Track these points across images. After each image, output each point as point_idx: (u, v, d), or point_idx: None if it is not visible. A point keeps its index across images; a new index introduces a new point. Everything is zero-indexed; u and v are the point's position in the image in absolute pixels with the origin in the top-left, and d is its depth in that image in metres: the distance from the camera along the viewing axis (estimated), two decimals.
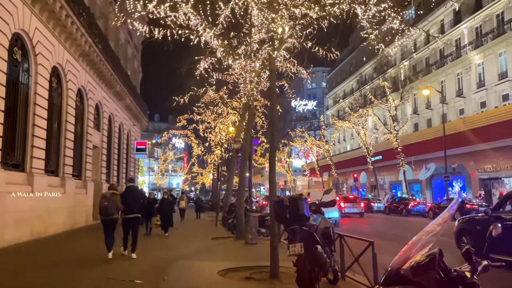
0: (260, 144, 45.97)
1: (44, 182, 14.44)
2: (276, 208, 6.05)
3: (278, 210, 5.96)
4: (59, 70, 16.45)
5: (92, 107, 20.86)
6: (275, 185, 7.91)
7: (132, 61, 34.21)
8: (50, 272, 8.22)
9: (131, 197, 9.98)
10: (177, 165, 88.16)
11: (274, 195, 7.99)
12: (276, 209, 6.05)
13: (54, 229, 15.20)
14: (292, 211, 5.70)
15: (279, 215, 5.99)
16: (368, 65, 55.42)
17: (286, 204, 5.75)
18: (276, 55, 8.35)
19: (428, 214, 27.11)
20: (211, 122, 26.31)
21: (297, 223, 5.67)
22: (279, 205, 5.92)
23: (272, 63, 8.18)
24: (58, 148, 16.72)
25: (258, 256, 10.41)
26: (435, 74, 40.77)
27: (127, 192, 10.24)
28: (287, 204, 5.74)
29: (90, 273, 8.16)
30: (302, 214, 5.69)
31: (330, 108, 69.67)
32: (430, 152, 36.56)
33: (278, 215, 6.05)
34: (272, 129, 7.99)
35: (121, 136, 29.05)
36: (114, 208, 9.70)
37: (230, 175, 25.94)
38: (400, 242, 13.44)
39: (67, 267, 8.76)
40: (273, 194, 7.94)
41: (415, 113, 44.24)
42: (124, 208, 9.89)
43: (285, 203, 5.76)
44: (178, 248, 12.05)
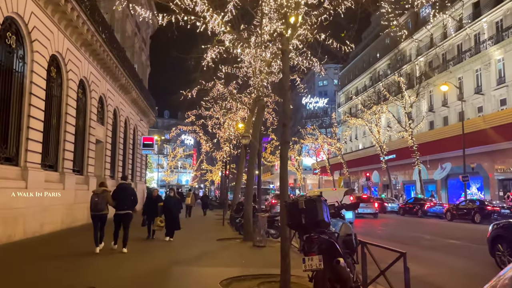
0: (270, 142, 45.12)
1: (40, 177, 13.59)
2: (289, 212, 5.00)
3: (292, 214, 4.90)
4: (58, 59, 15.59)
5: (95, 100, 20.01)
6: (286, 183, 6.90)
7: (139, 55, 33.38)
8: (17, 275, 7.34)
9: (121, 194, 10.39)
10: (187, 162, 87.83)
11: (285, 194, 6.98)
12: (289, 212, 5.00)
13: (51, 227, 14.37)
14: (309, 216, 4.66)
15: (293, 220, 4.92)
16: (382, 62, 54.02)
17: (301, 207, 4.69)
18: (290, 35, 7.29)
19: (446, 215, 25.82)
20: (219, 118, 25.47)
21: (315, 231, 4.63)
22: (292, 208, 4.85)
23: (285, 43, 7.15)
24: (58, 142, 15.88)
25: (267, 261, 9.42)
26: (453, 70, 39.31)
27: (118, 189, 10.59)
28: (302, 207, 4.68)
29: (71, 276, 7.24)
30: (321, 220, 4.66)
31: (342, 105, 68.31)
32: (446, 151, 35.26)
33: (292, 221, 4.97)
34: (283, 119, 6.97)
35: (127, 131, 28.24)
36: (104, 204, 10.19)
37: (239, 172, 25.01)
38: (422, 247, 12.38)
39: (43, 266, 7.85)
40: (284, 193, 6.92)
41: (431, 110, 42.81)
42: (114, 204, 10.33)
43: (300, 205, 4.70)
44: (179, 251, 11.08)
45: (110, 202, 10.29)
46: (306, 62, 15.76)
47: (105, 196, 10.28)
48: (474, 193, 34.21)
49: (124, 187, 10.73)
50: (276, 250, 11.61)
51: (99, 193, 10.37)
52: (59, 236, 13.93)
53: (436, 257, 10.71)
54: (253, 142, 14.91)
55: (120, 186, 10.77)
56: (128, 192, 10.65)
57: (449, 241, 14.55)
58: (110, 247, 10.44)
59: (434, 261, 10.17)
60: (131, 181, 29.09)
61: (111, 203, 10.30)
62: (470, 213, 23.61)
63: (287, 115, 6.97)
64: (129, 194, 10.64)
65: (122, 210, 10.32)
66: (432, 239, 15.00)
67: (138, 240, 12.38)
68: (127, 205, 10.41)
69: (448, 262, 10.01)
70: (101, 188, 10.62)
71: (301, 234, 4.97)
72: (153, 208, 13.62)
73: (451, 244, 13.72)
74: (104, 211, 10.28)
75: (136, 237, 12.48)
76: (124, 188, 10.71)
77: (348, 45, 15.08)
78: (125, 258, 9.68)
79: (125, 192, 10.58)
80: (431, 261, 10.15)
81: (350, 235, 5.46)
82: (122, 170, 26.76)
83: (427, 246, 13.12)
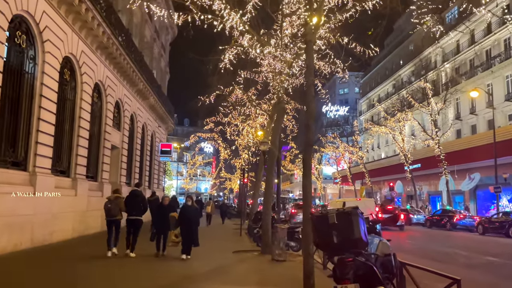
0: (290, 150, 44.13)
1: (50, 183, 13.01)
2: (315, 228, 4.11)
3: (320, 230, 4.01)
4: (72, 61, 15.12)
5: (111, 104, 19.53)
6: (310, 192, 6.01)
7: (158, 61, 33.05)
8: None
9: (132, 201, 11.05)
10: (206, 170, 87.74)
11: (308, 204, 6.09)
12: (315, 228, 4.10)
13: (61, 235, 13.76)
14: (342, 234, 3.78)
15: (321, 238, 4.02)
16: (406, 68, 52.57)
17: (332, 222, 3.80)
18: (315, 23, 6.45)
19: (477, 229, 24.29)
20: (238, 125, 24.82)
21: (349, 252, 3.73)
22: (320, 223, 3.95)
23: (310, 32, 6.31)
24: (70, 147, 15.35)
25: (287, 278, 8.52)
26: (481, 77, 37.70)
27: (129, 195, 11.21)
28: (333, 223, 3.79)
29: None
30: (358, 239, 3.77)
31: (364, 113, 66.84)
32: (474, 160, 33.61)
33: (319, 239, 4.06)
34: (307, 119, 6.12)
35: (144, 137, 27.77)
36: (117, 210, 10.83)
37: (257, 180, 24.20)
38: (459, 265, 11.17)
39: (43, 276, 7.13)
40: (308, 202, 6.03)
41: (458, 118, 41.12)
42: (126, 210, 10.98)
43: (330, 220, 3.81)
44: (192, 263, 10.24)
45: (123, 208, 10.91)
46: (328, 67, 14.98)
47: (118, 202, 10.92)
48: (505, 205, 32.40)
49: (135, 194, 11.22)
50: (297, 265, 10.68)
51: (112, 200, 11.01)
52: (69, 244, 13.30)
53: (478, 277, 9.57)
54: (272, 149, 14.08)
55: (131, 193, 11.33)
56: (138, 199, 11.20)
57: (487, 258, 13.29)
58: (125, 253, 11.01)
59: (478, 282, 9.03)
60: (148, 188, 28.57)
61: (123, 209, 10.91)
62: (504, 227, 22.10)
63: (311, 114, 6.12)
64: (139, 200, 11.20)
65: (132, 216, 11.02)
66: (469, 255, 13.75)
67: (145, 257, 10.87)
68: (136, 211, 11.00)
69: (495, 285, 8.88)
70: (114, 195, 11.24)
71: (331, 255, 4.07)
72: (163, 220, 11.28)
73: (490, 262, 12.49)
74: (118, 216, 10.90)
75: (144, 252, 11.20)
76: (135, 195, 11.21)
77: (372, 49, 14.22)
78: (129, 270, 8.93)
79: (136, 198, 11.15)
80: (476, 282, 9.02)
81: (389, 256, 4.53)
82: (139, 177, 26.25)
83: (464, 264, 11.93)
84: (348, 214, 3.82)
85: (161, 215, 11.40)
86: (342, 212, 3.88)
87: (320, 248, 4.74)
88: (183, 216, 10.87)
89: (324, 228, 3.86)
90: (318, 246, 4.49)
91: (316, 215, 4.17)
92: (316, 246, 4.60)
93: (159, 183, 34.22)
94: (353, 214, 3.82)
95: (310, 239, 6.01)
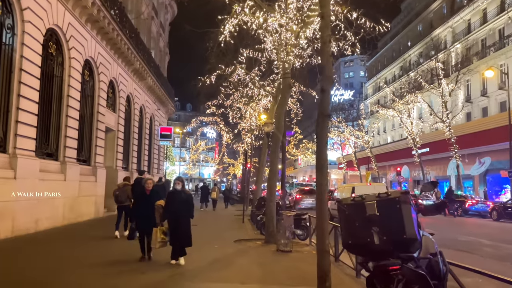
0: (294, 135, 42.90)
1: (34, 167, 11.89)
2: (346, 222, 2.91)
3: (352, 226, 2.81)
4: (58, 34, 13.84)
5: (104, 84, 18.29)
6: (325, 172, 4.83)
7: (157, 40, 31.64)
8: None
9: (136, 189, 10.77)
10: (209, 156, 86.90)
11: (323, 186, 4.90)
12: (346, 223, 2.90)
13: (49, 222, 12.71)
14: (387, 231, 2.60)
15: (355, 237, 2.83)
16: (414, 50, 50.89)
17: (371, 213, 2.61)
18: None
19: (491, 215, 23.14)
20: (241, 108, 23.66)
21: (396, 256, 2.56)
22: (353, 214, 2.76)
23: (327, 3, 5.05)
24: (59, 127, 14.19)
25: (295, 274, 7.41)
26: (493, 57, 36.15)
27: (134, 183, 11.56)
28: (373, 214, 2.61)
29: None
30: (411, 239, 2.58)
31: (370, 97, 65.27)
32: (486, 144, 32.33)
33: (353, 239, 2.86)
34: (323, 82, 4.92)
35: (142, 120, 26.59)
36: (124, 196, 11.41)
37: (261, 165, 23.10)
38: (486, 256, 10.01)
39: None
40: (323, 184, 4.85)
41: (468, 101, 39.66)
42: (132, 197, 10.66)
43: (369, 210, 2.63)
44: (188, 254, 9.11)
45: (130, 195, 11.13)
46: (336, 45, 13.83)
47: (126, 189, 11.47)
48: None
49: (139, 182, 11.13)
50: (305, 256, 9.56)
51: (121, 187, 11.73)
52: (57, 233, 12.25)
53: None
54: (276, 133, 12.86)
55: (135, 180, 11.72)
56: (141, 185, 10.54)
57: None
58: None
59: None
60: (147, 173, 27.52)
61: (131, 196, 11.01)
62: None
63: (327, 77, 4.90)
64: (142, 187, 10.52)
65: None
66: (494, 245, 12.58)
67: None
68: None
69: None
70: (123, 182, 11.96)
71: (368, 259, 2.89)
72: (146, 211, 8.19)
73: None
74: (126, 202, 11.35)
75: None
76: (139, 182, 11.08)
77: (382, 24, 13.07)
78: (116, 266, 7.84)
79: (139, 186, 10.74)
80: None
81: (435, 255, 3.35)
82: (137, 161, 25.16)
83: (493, 255, 10.77)
84: (396, 202, 2.65)
85: (143, 205, 8.36)
86: (387, 198, 2.71)
87: (353, 251, 3.53)
88: (169, 206, 8.00)
89: (359, 223, 2.70)
90: (349, 248, 3.28)
91: (346, 203, 2.97)
92: (348, 248, 3.39)
93: (159, 168, 33.14)
94: (403, 201, 2.65)
95: (325, 232, 4.88)
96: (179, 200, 8.02)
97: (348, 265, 7.94)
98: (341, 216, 3.01)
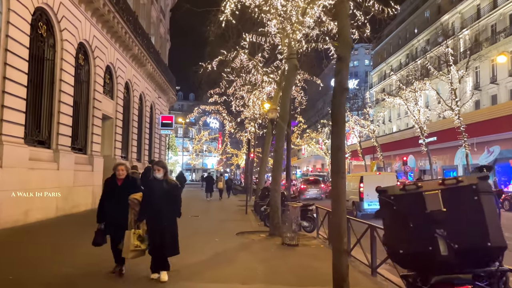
0: (298, 125, 42.03)
1: (22, 154, 11.15)
2: (396, 219, 2.03)
3: (408, 226, 1.94)
4: (48, 13, 13.01)
5: (101, 69, 17.47)
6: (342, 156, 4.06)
7: (157, 26, 30.69)
8: None
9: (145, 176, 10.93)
10: (212, 146, 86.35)
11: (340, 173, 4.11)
12: (395, 223, 2.03)
13: (41, 214, 12.01)
14: (460, 235, 1.79)
15: (410, 244, 1.96)
16: (421, 37, 49.69)
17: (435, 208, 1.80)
18: None
19: (503, 205, 22.37)
20: (244, 96, 22.91)
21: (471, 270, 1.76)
22: (409, 208, 1.91)
23: None
24: (51, 114, 13.43)
25: (304, 272, 6.66)
26: (504, 43, 35.05)
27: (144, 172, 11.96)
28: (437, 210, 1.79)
29: None
30: (497, 248, 1.77)
31: (375, 85, 64.21)
32: (495, 133, 31.42)
33: (406, 245, 1.98)
34: (339, 48, 4.10)
35: (142, 108, 25.79)
36: None
37: (265, 154, 22.33)
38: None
39: None
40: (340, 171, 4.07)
41: (477, 88, 38.62)
42: None
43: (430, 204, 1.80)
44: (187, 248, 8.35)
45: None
46: None
47: None
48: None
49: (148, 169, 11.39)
50: (313, 251, 8.80)
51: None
52: (48, 225, 11.55)
53: None
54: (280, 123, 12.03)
55: (146, 169, 11.96)
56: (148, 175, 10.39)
57: None
58: None
59: None
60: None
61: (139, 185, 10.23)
62: None
63: (344, 41, 4.08)
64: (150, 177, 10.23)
65: None
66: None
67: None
68: None
69: None
70: (132, 171, 10.93)
71: (428, 273, 2.04)
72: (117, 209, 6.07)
73: None
74: None
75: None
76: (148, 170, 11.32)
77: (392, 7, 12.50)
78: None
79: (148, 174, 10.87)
80: None
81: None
82: (137, 150, 24.43)
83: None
84: (472, 192, 1.84)
85: (113, 200, 6.17)
86: (457, 187, 1.89)
87: (404, 264, 2.40)
88: (147, 201, 5.95)
89: (415, 223, 1.89)
90: (399, 259, 2.24)
91: (393, 193, 2.13)
92: (394, 259, 2.44)
93: (161, 157, 32.42)
94: (483, 190, 1.83)
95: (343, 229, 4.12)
96: (161, 193, 5.88)
97: (361, 261, 7.20)
98: (385, 213, 2.18)
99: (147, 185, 6.23)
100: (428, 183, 2.08)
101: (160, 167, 6.06)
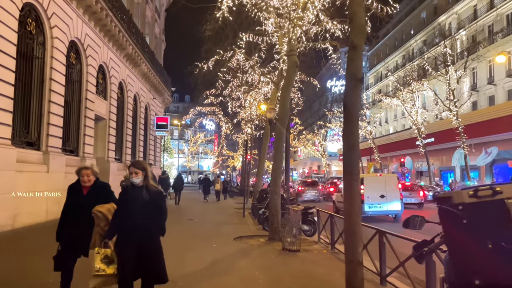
0: (294, 127, 41.68)
1: (9, 157, 10.63)
2: (467, 236, 1.46)
3: (485, 246, 1.40)
4: (37, 10, 12.52)
5: (93, 68, 16.97)
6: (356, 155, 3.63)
7: (152, 26, 30.20)
8: None
9: None
10: (208, 148, 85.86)
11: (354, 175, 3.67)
12: (467, 239, 1.45)
13: (30, 218, 11.48)
14: None
15: (491, 271, 1.45)
16: (417, 38, 49.47)
17: None
18: None
19: None
20: (240, 97, 22.54)
21: None
22: (484, 222, 1.37)
23: None
24: (40, 114, 12.91)
25: (307, 281, 6.21)
26: (501, 43, 34.85)
27: None
28: None
29: None
30: None
31: (371, 87, 63.97)
32: (493, 133, 31.18)
33: (487, 275, 1.42)
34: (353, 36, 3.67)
35: (137, 109, 25.29)
36: None
37: (262, 155, 21.91)
38: None
39: None
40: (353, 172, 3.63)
41: (474, 89, 38.41)
42: None
43: None
44: (180, 255, 7.89)
45: None
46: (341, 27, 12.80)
47: None
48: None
49: None
50: (316, 257, 8.31)
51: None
52: (37, 229, 11.02)
53: None
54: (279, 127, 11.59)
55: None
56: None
57: None
58: None
59: None
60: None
61: None
62: None
63: (357, 27, 3.65)
64: None
65: None
66: None
67: None
68: None
69: None
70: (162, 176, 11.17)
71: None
72: (76, 223, 4.59)
73: None
74: None
75: None
76: None
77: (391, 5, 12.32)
78: None
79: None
80: None
81: None
82: (131, 152, 23.91)
83: None
84: None
85: (74, 214, 4.64)
86: None
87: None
88: (121, 215, 4.33)
89: (495, 242, 1.39)
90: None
91: (461, 201, 1.57)
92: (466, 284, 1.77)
93: (156, 159, 31.90)
94: None
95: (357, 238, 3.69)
96: (140, 204, 4.27)
97: (367, 268, 6.75)
98: (448, 228, 1.67)
99: (121, 193, 4.49)
100: (507, 186, 1.60)
101: (138, 170, 4.35)
